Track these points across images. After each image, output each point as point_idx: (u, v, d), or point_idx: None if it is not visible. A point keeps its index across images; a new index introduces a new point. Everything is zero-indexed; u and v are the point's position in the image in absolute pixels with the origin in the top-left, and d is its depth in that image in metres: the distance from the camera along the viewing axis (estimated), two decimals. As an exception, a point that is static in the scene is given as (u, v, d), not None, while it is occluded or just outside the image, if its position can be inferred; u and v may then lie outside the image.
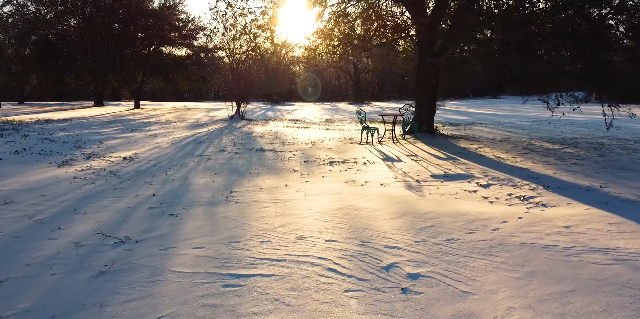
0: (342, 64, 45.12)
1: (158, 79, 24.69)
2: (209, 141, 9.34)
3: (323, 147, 8.60)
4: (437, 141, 9.60)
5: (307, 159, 7.15)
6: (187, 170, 6.16)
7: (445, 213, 3.93)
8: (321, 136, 10.54)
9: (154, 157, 7.24)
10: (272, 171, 6.11)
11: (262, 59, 34.74)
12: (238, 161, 6.92)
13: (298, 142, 9.34)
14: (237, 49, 18.40)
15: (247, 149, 8.17)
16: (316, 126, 14.14)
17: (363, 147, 8.57)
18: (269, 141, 9.40)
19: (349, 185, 5.22)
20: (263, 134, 10.81)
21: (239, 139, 9.72)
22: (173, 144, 8.84)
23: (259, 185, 5.19)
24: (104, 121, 14.66)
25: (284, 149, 8.19)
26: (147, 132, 11.02)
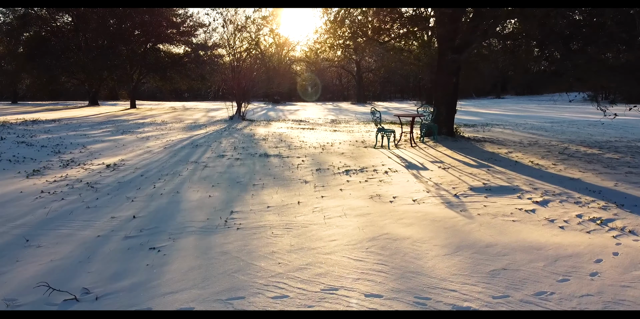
0: (344, 63, 44.25)
1: (155, 78, 23.67)
2: (207, 145, 8.40)
3: (334, 151, 7.66)
4: (460, 144, 8.66)
5: (318, 166, 6.21)
6: (179, 181, 5.22)
7: (513, 246, 2.99)
8: (330, 139, 9.60)
9: (142, 164, 6.30)
10: (279, 182, 5.16)
11: (263, 58, 33.85)
12: (239, 169, 5.98)
13: (306, 146, 8.40)
14: (239, 48, 17.48)
15: (250, 155, 7.23)
16: (322, 127, 13.20)
17: (379, 152, 7.63)
18: (274, 145, 8.47)
19: (375, 201, 4.28)
20: (266, 137, 9.87)
21: (239, 143, 8.78)
22: (166, 148, 7.90)
23: (266, 202, 4.25)
24: (95, 121, 13.72)
25: (291, 155, 7.25)
26: (139, 134, 10.08)
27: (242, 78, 15.84)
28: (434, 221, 3.59)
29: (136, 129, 11.36)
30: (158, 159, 6.75)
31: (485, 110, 25.26)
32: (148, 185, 4.98)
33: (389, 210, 3.95)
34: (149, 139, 9.04)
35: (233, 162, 6.51)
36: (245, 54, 19.03)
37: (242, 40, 20.94)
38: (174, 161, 6.56)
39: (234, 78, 15.38)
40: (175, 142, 8.77)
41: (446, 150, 7.92)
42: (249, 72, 16.49)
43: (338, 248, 2.94)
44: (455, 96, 9.40)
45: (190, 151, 7.63)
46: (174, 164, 6.36)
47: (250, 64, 18.70)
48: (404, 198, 4.44)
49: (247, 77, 16.13)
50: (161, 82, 23.98)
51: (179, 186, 4.94)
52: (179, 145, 8.32)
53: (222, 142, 8.86)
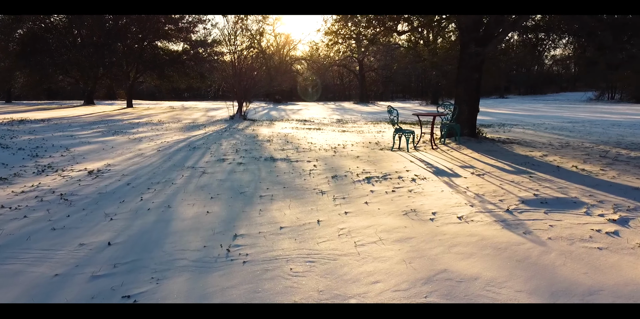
0: (347, 62, 43.44)
1: (152, 76, 22.80)
2: (206, 147, 7.57)
3: (348, 154, 6.84)
4: (486, 146, 7.83)
5: (334, 172, 5.38)
6: (172, 191, 4.40)
7: (626, 292, 2.16)
8: (340, 140, 8.77)
9: (130, 170, 5.47)
10: (291, 193, 4.34)
11: (264, 56, 33.03)
12: (243, 176, 5.16)
13: (315, 148, 7.58)
14: (240, 46, 16.66)
15: (254, 158, 6.41)
16: (329, 127, 12.38)
17: (398, 155, 6.81)
18: (280, 147, 7.64)
19: (412, 219, 3.46)
20: (270, 138, 9.05)
21: (242, 144, 7.95)
22: (160, 150, 7.07)
23: (277, 220, 3.42)
24: (87, 121, 12.89)
25: (300, 158, 6.43)
26: (132, 135, 9.25)
27: (244, 76, 15.03)
28: (498, 250, 2.77)
29: (129, 129, 10.53)
30: (149, 163, 5.92)
31: (495, 110, 24.42)
32: (134, 197, 4.15)
33: (434, 232, 3.13)
34: (142, 141, 8.21)
35: (235, 168, 5.69)
36: (246, 52, 18.23)
37: (244, 37, 20.15)
38: (167, 166, 5.74)
39: (235, 75, 14.56)
40: (170, 144, 7.94)
41: (472, 153, 7.09)
42: (251, 70, 15.68)
43: (385, 296, 2.11)
44: (477, 93, 8.57)
45: (186, 154, 6.81)
46: (168, 169, 5.53)
47: (251, 62, 17.91)
48: (445, 214, 3.61)
49: (248, 75, 15.32)
50: (159, 80, 23.11)
51: (171, 198, 4.11)
52: (175, 147, 7.49)
53: (222, 144, 8.03)
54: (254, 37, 28.15)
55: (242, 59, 15.94)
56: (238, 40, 16.99)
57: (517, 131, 11.11)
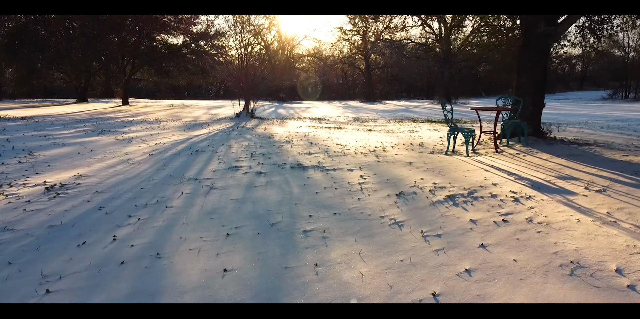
0: (353, 60, 41.87)
1: (150, 71, 21.14)
2: (211, 150, 6.01)
3: (396, 160, 5.27)
4: (562, 149, 6.25)
5: (394, 187, 3.82)
6: (164, 222, 2.84)
7: None
8: (374, 141, 7.20)
9: (108, 184, 3.90)
10: (351, 225, 2.78)
11: (268, 52, 31.43)
12: (268, 194, 3.59)
13: (349, 151, 6.01)
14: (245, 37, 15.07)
15: (276, 166, 4.84)
16: (350, 126, 10.82)
17: (460, 161, 5.25)
18: (304, 150, 6.07)
19: (594, 287, 1.90)
20: (289, 138, 7.48)
21: (256, 146, 6.39)
22: (153, 155, 5.50)
23: (354, 290, 1.86)
24: (74, 119, 11.33)
25: (337, 165, 4.86)
26: (122, 134, 7.68)
27: (251, 68, 13.47)
28: None
29: (120, 128, 8.96)
30: (137, 174, 4.36)
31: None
32: (104, 234, 2.60)
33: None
34: (132, 142, 6.64)
35: (254, 180, 4.13)
36: (250, 48, 16.69)
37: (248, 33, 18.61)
38: (161, 178, 4.17)
39: (242, 68, 13.00)
40: (167, 146, 6.38)
41: (553, 158, 5.51)
42: (256, 67, 14.11)
43: None
44: (544, 84, 7.00)
45: (187, 159, 5.24)
46: (161, 183, 3.97)
47: (256, 57, 16.37)
48: (627, 270, 2.06)
49: (256, 67, 13.77)
50: (157, 76, 21.48)
51: (163, 237, 2.56)
52: (172, 150, 5.92)
53: (231, 146, 6.46)
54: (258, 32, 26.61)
55: (249, 50, 14.38)
56: (244, 31, 15.43)
57: (573, 131, 9.53)
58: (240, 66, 13.30)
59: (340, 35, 38.62)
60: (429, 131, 9.25)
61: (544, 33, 6.51)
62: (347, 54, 41.04)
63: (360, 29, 37.51)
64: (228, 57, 14.93)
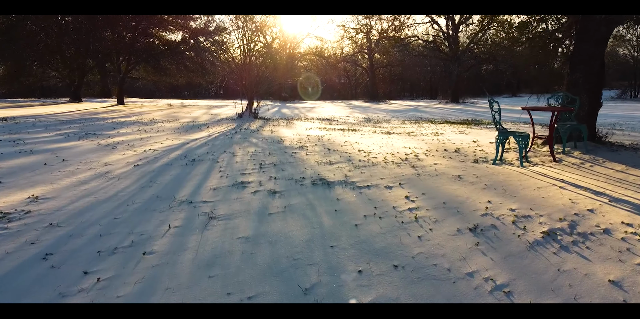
0: (356, 59, 40.84)
1: (147, 69, 20.04)
2: (211, 159, 4.98)
3: (439, 172, 4.25)
4: (633, 158, 5.22)
5: (461, 216, 2.80)
6: (137, 286, 1.81)
7: None
8: (399, 146, 6.18)
9: (70, 212, 2.88)
10: (422, 289, 1.76)
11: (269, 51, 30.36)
12: (289, 229, 2.57)
13: (376, 159, 4.99)
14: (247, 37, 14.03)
15: (293, 181, 3.82)
16: (364, 128, 9.80)
17: (517, 173, 4.22)
18: (323, 158, 5.05)
19: None
20: (301, 143, 6.46)
21: (265, 154, 5.36)
22: (139, 166, 4.47)
23: None
24: (61, 120, 10.31)
25: (369, 180, 3.84)
26: (107, 138, 6.65)
27: (253, 66, 12.45)
28: None
29: (108, 130, 7.94)
30: (113, 194, 3.33)
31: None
32: None
33: None
34: (117, 149, 5.60)
35: (267, 203, 3.11)
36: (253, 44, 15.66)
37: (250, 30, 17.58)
38: (144, 201, 3.15)
39: (245, 64, 11.98)
40: (158, 153, 5.35)
41: (631, 170, 4.48)
42: (259, 64, 13.08)
43: None
44: (601, 80, 5.97)
45: (180, 172, 4.21)
46: (143, 209, 2.95)
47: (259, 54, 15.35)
48: None
49: (258, 67, 12.75)
50: (155, 74, 20.42)
51: (129, 324, 1.54)
52: (163, 159, 4.89)
53: (235, 153, 5.43)
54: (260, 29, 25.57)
55: (251, 46, 13.34)
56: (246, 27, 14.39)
57: (617, 133, 8.50)
58: (242, 63, 12.27)
59: (343, 34, 37.66)
60: (455, 134, 8.24)
61: (605, 21, 5.48)
62: (350, 52, 40.03)
63: (364, 26, 36.53)
64: (229, 54, 13.91)
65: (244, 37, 12.92)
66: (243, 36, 12.42)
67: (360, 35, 37.82)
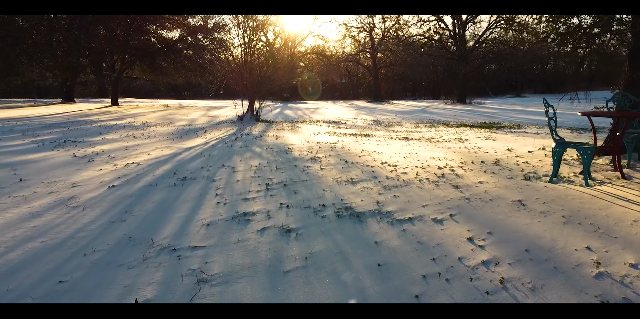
0: (359, 57, 39.93)
1: (142, 68, 19.09)
2: (206, 177, 4.09)
3: (491, 194, 3.37)
4: None
5: (562, 277, 1.91)
6: None
7: None
8: (426, 156, 5.29)
9: (-2, 270, 2.00)
10: None
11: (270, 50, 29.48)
12: (316, 301, 1.68)
13: (405, 175, 4.11)
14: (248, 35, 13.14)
15: (311, 211, 2.93)
16: (378, 132, 8.92)
17: (589, 196, 3.35)
18: (341, 173, 4.16)
19: None
20: (312, 152, 5.57)
21: (271, 168, 4.48)
22: (114, 188, 3.58)
23: None
24: (45, 124, 9.43)
25: (407, 207, 2.95)
26: (87, 147, 5.77)
27: (255, 65, 11.58)
28: None
29: (92, 136, 7.05)
30: (69, 235, 2.44)
31: (542, 108, 20.86)
32: None
33: None
34: (94, 162, 4.71)
35: (281, 252, 2.23)
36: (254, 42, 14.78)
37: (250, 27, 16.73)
38: (107, 248, 2.27)
39: (246, 62, 11.11)
40: (141, 168, 4.46)
41: None
42: (262, 63, 12.21)
43: None
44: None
45: (165, 197, 3.33)
46: (105, 264, 2.06)
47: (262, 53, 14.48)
48: None
49: (260, 66, 11.88)
50: (151, 74, 19.50)
51: None
52: (147, 177, 4.00)
53: (236, 167, 4.54)
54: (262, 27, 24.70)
55: (253, 44, 12.46)
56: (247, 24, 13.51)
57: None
58: (243, 62, 11.38)
59: (345, 33, 36.75)
60: (482, 140, 7.37)
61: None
62: (353, 51, 39.12)
63: (367, 25, 35.63)
64: (229, 52, 13.04)
65: (244, 34, 12.03)
66: (244, 33, 11.53)
67: (363, 34, 36.97)
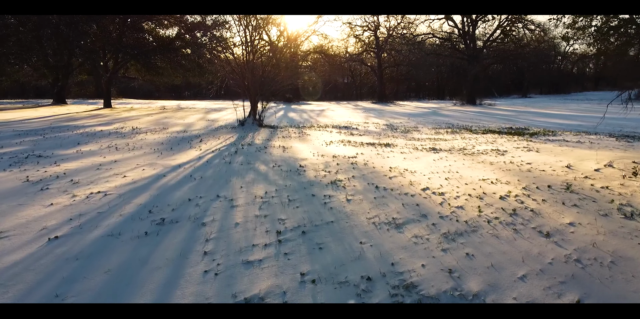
0: (363, 57, 38.85)
1: (137, 67, 17.95)
2: (194, 216, 3.01)
3: (606, 251, 2.29)
4: None
5: None
6: None
7: None
8: (473, 178, 4.21)
9: None
10: None
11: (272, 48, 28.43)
12: None
13: (463, 211, 3.03)
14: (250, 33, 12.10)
15: (351, 289, 1.85)
16: (398, 140, 7.83)
17: None
18: (376, 209, 3.08)
19: None
20: (329, 171, 4.48)
21: (281, 199, 3.39)
22: (54, 242, 2.51)
23: None
24: (21, 130, 8.38)
25: (497, 282, 1.87)
26: (49, 166, 4.69)
27: (258, 64, 10.53)
28: None
29: (66, 148, 5.99)
30: None
31: (557, 110, 19.67)
32: None
33: None
34: (47, 190, 3.62)
35: None
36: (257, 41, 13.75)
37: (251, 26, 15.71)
38: None
39: (248, 61, 10.04)
40: (107, 202, 3.38)
41: None
42: (265, 63, 11.16)
43: None
44: None
45: (126, 260, 2.25)
46: None
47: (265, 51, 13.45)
48: None
49: (264, 66, 10.83)
50: (147, 73, 18.41)
51: None
52: (110, 219, 2.92)
53: (235, 199, 3.45)
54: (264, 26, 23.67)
55: (256, 42, 11.41)
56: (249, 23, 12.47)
57: None
58: (245, 61, 10.32)
59: (349, 32, 35.65)
60: (523, 152, 6.28)
61: None
62: (357, 51, 38.01)
63: (372, 24, 34.54)
64: (229, 50, 12.00)
65: (246, 30, 10.96)
66: (246, 28, 10.45)
67: (367, 33, 35.88)
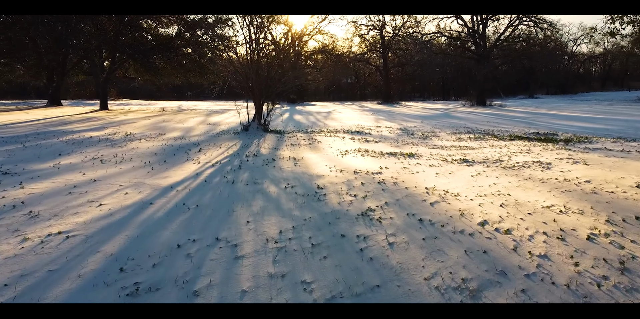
0: (369, 56, 38.01)
1: (135, 66, 17.14)
2: (181, 281, 2.18)
3: None
4: None
5: None
6: None
7: None
8: (534, 204, 3.37)
9: None
10: None
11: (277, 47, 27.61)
12: None
13: (553, 268, 2.19)
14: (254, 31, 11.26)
15: None
16: (419, 148, 6.98)
17: None
18: (432, 259, 2.25)
19: None
20: (355, 195, 3.65)
21: (301, 245, 2.56)
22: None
23: None
24: (2, 136, 7.59)
25: None
26: (12, 188, 3.87)
27: (264, 64, 9.72)
28: None
29: (43, 161, 5.18)
30: None
31: (567, 112, 18.63)
32: None
33: None
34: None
35: None
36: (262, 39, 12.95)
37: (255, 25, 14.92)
38: None
39: (252, 61, 9.23)
40: (65, 253, 2.55)
41: None
42: (271, 63, 10.35)
43: None
44: None
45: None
46: None
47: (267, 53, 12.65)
48: None
49: (270, 66, 10.01)
50: (146, 73, 17.62)
51: None
52: (58, 288, 2.10)
53: (239, 243, 2.62)
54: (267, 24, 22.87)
55: (261, 42, 10.60)
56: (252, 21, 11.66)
57: None
58: (249, 61, 9.50)
59: (354, 31, 34.82)
60: (569, 164, 5.45)
61: None
62: (362, 50, 37.15)
63: (377, 23, 33.70)
64: (233, 49, 11.22)
65: (250, 28, 10.13)
66: (250, 25, 9.63)
67: (373, 33, 35.02)
